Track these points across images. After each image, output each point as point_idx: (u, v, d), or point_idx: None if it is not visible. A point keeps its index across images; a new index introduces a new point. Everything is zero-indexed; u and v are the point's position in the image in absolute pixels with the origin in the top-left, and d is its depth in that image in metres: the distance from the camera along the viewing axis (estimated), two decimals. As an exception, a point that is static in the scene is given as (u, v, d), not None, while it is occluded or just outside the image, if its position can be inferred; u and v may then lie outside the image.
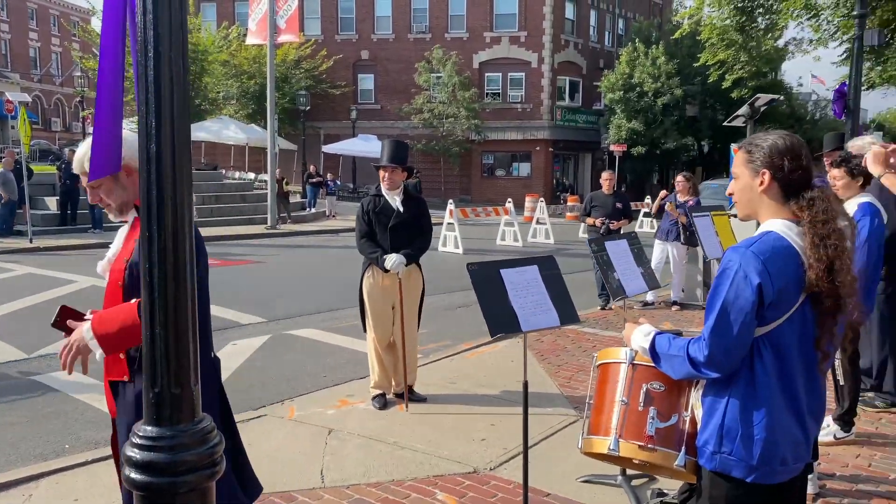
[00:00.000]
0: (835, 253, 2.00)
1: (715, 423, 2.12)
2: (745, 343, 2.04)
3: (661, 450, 2.41)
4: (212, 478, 1.65)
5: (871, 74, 20.75)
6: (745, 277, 2.01)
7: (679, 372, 2.21)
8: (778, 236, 2.07)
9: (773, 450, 2.06)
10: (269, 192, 20.32)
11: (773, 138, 2.17)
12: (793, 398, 2.09)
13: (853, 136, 6.92)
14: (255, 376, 6.34)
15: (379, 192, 5.39)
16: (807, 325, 2.07)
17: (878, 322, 5.23)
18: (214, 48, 31.75)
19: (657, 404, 2.46)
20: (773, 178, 2.13)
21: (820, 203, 2.05)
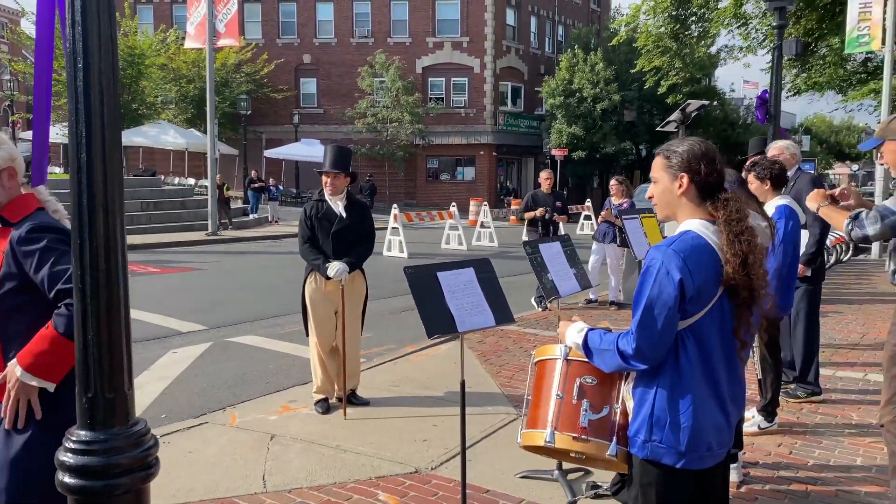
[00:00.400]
0: (748, 248, 2.15)
1: (645, 412, 2.24)
2: (670, 335, 2.17)
3: (593, 440, 2.52)
4: (146, 479, 1.68)
5: (798, 81, 21.67)
6: (668, 274, 2.13)
7: (610, 365, 2.32)
8: (696, 235, 2.20)
9: (699, 436, 2.18)
10: (209, 198, 20.00)
11: (689, 144, 2.31)
12: (715, 386, 2.22)
13: (774, 139, 7.27)
14: (196, 384, 6.28)
15: (322, 197, 5.39)
16: (725, 316, 2.21)
17: (798, 317, 5.52)
18: (152, 52, 31.05)
19: (590, 397, 2.57)
20: (690, 181, 2.26)
21: (733, 203, 2.20)
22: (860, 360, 6.77)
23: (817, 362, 5.55)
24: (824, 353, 6.81)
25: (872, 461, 4.37)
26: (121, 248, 1.63)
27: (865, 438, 4.75)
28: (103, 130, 1.57)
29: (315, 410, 5.32)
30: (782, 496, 3.89)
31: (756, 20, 19.53)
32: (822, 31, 18.44)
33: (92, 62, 1.56)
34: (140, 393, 5.93)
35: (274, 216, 25.30)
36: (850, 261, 15.23)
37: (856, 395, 5.69)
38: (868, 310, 9.36)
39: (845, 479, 4.11)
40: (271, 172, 33.44)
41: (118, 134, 1.62)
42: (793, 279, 4.65)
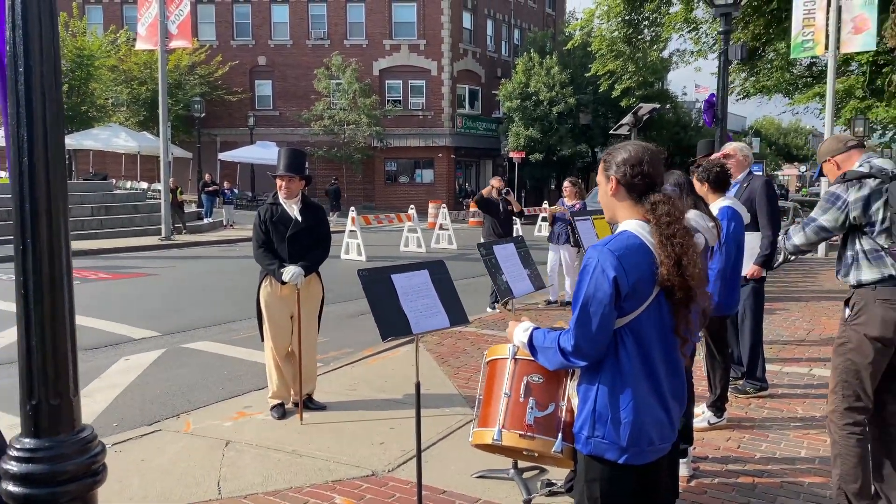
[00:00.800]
0: (681, 250, 2.18)
1: (588, 409, 2.28)
2: (607, 332, 2.21)
3: (539, 437, 2.57)
4: (93, 486, 1.67)
5: (747, 84, 22.22)
6: (603, 272, 2.18)
7: (553, 362, 2.37)
8: (631, 234, 2.25)
9: (640, 431, 2.22)
10: (162, 203, 19.63)
11: (621, 149, 2.37)
12: (655, 382, 2.26)
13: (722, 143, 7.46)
14: (149, 391, 6.18)
15: (276, 200, 5.34)
16: (663, 314, 2.26)
17: (744, 314, 5.68)
18: (102, 53, 30.39)
19: (536, 395, 2.62)
20: (618, 184, 2.33)
21: (663, 206, 2.24)
22: (806, 356, 6.98)
23: (763, 358, 5.71)
24: (772, 350, 7.02)
25: (816, 453, 4.52)
26: (65, 253, 1.62)
27: (810, 431, 4.91)
28: (46, 134, 1.55)
29: (271, 416, 5.28)
30: (730, 489, 4.00)
31: (706, 25, 19.99)
32: (769, 35, 18.94)
33: (33, 65, 1.54)
34: (91, 401, 5.81)
35: (229, 220, 24.97)
36: (798, 259, 15.69)
37: (801, 390, 5.88)
38: (814, 307, 9.65)
39: (790, 471, 4.25)
40: (226, 176, 33.01)
41: (61, 138, 1.60)
42: (737, 279, 4.78)
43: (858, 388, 3.45)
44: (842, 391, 3.50)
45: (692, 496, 3.89)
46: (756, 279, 5.66)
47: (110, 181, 25.88)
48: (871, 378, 3.43)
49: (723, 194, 4.76)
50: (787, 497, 3.90)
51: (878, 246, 3.37)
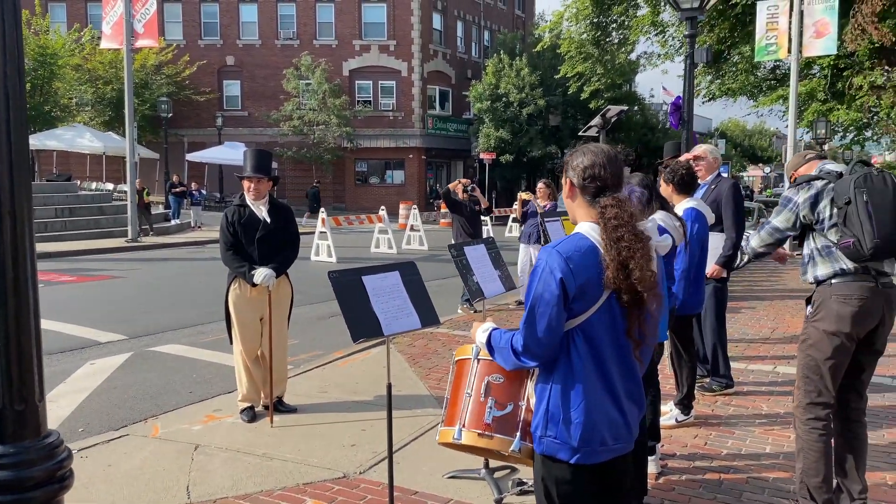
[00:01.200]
0: (628, 253, 2.17)
1: (542, 409, 2.29)
2: (555, 333, 2.21)
3: (497, 436, 2.59)
4: (60, 492, 1.65)
5: (713, 87, 22.56)
6: (551, 273, 2.19)
7: (507, 362, 2.38)
8: (583, 236, 2.25)
9: (591, 431, 2.23)
10: (128, 204, 19.33)
11: (578, 152, 2.38)
12: (608, 383, 2.25)
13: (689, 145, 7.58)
14: (116, 395, 6.09)
15: (243, 202, 5.29)
16: (615, 316, 2.24)
17: (707, 313, 5.77)
18: (65, 51, 29.84)
19: (495, 394, 2.65)
20: (572, 186, 2.35)
21: (611, 210, 2.22)
22: (770, 354, 7.12)
23: (727, 356, 5.80)
24: (737, 348, 7.14)
25: (780, 449, 4.61)
26: (29, 257, 1.59)
27: (774, 427, 5.01)
28: (9, 136, 1.53)
29: (241, 419, 5.24)
30: (697, 485, 4.07)
31: (672, 28, 20.25)
32: (734, 39, 19.25)
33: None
34: (56, 406, 5.71)
35: (197, 221, 24.68)
36: (764, 259, 15.97)
37: (766, 387, 5.99)
38: (778, 305, 9.85)
39: (755, 467, 4.33)
40: (194, 176, 32.65)
41: (25, 139, 1.58)
42: (701, 279, 4.87)
43: (820, 383, 3.53)
44: (804, 387, 3.59)
45: (660, 493, 3.95)
46: (717, 279, 5.75)
47: (75, 182, 25.40)
48: (830, 373, 3.52)
49: (688, 195, 4.84)
50: (753, 492, 3.98)
51: (828, 242, 3.51)
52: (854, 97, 17.43)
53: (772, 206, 23.01)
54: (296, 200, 35.86)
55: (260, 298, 5.22)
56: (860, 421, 3.67)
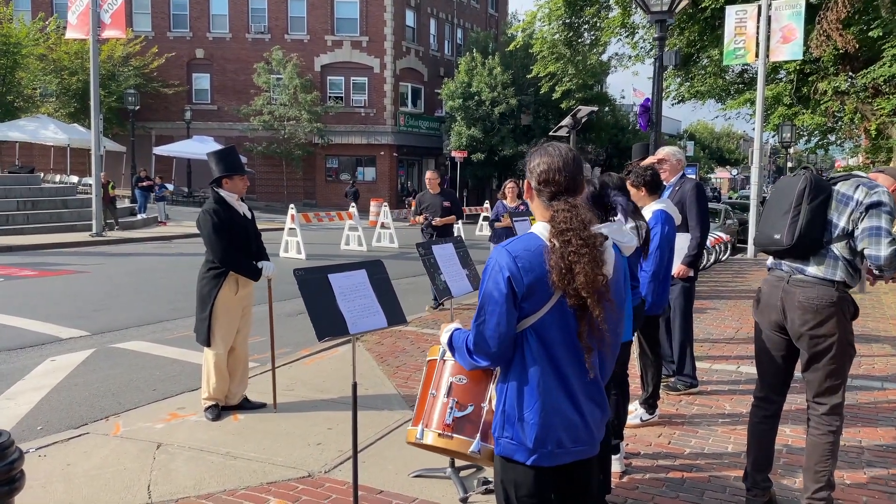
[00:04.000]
0: (574, 257, 2.13)
1: (500, 409, 2.26)
2: (505, 332, 2.18)
3: (457, 437, 2.59)
4: (10, 494, 1.60)
5: (682, 89, 22.83)
6: (499, 271, 2.17)
7: (465, 362, 2.36)
8: (533, 236, 2.24)
9: (546, 432, 2.19)
10: (93, 197, 18.97)
11: (535, 153, 2.35)
12: (564, 383, 2.22)
13: (657, 146, 7.65)
14: (77, 393, 5.97)
15: (222, 201, 5.18)
16: (567, 317, 2.19)
17: (674, 313, 5.84)
18: (29, 41, 29.15)
19: (456, 395, 2.65)
20: (529, 187, 2.34)
21: (562, 213, 2.19)
22: (734, 354, 7.22)
23: (693, 355, 5.88)
24: (702, 348, 7.24)
25: (742, 448, 4.65)
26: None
27: (737, 427, 5.08)
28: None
29: (205, 417, 5.17)
30: (661, 484, 4.11)
31: (643, 30, 20.45)
32: (704, 42, 19.51)
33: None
34: (14, 404, 5.59)
35: (164, 216, 24.32)
36: (728, 260, 16.22)
37: (729, 387, 6.08)
38: (743, 306, 9.99)
39: (717, 466, 4.39)
40: (161, 171, 32.19)
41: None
42: (668, 280, 4.92)
43: (759, 371, 3.85)
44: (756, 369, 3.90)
45: (624, 492, 3.98)
46: (684, 278, 5.82)
47: (38, 174, 24.86)
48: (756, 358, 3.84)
49: (657, 196, 4.89)
50: (714, 491, 4.03)
51: None
52: (819, 102, 17.79)
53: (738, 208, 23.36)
54: (264, 196, 35.59)
55: (243, 296, 5.31)
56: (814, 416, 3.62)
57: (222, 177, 5.18)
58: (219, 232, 5.06)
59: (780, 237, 3.40)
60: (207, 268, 5.18)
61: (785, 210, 3.40)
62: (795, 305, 3.48)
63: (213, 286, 5.14)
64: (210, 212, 5.10)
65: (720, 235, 15.39)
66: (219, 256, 5.08)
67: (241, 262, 5.16)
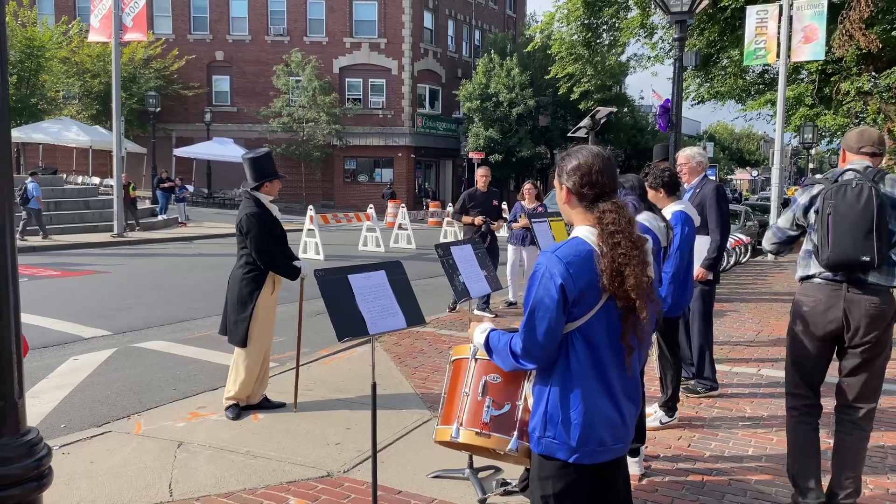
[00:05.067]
0: (624, 259, 2.18)
1: (541, 410, 2.32)
2: (554, 337, 2.23)
3: (495, 435, 2.61)
4: (39, 490, 1.63)
5: (702, 90, 22.68)
6: (550, 278, 2.20)
7: (506, 363, 2.41)
8: (581, 241, 2.27)
9: (589, 432, 2.26)
10: (115, 198, 19.19)
11: (572, 156, 2.37)
12: (607, 384, 2.28)
13: (677, 148, 7.59)
14: (99, 392, 6.04)
15: (260, 203, 5.24)
16: (613, 319, 2.26)
17: (694, 316, 5.80)
18: (53, 44, 29.54)
19: (492, 394, 2.66)
20: (569, 192, 2.34)
21: (609, 214, 2.23)
22: (755, 357, 7.16)
23: (712, 358, 5.84)
24: (722, 350, 7.18)
25: (763, 451, 4.64)
26: (9, 250, 1.57)
27: (757, 430, 5.04)
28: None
29: (226, 416, 5.19)
30: (680, 487, 4.08)
31: (662, 31, 20.33)
32: (724, 43, 19.36)
33: (-22, 59, 1.50)
34: (38, 402, 5.66)
35: (184, 217, 24.53)
36: (749, 262, 16.08)
37: (750, 390, 6.02)
38: (763, 308, 9.90)
39: (738, 469, 4.35)
40: (181, 172, 32.46)
41: (7, 131, 1.56)
42: (689, 281, 4.89)
43: (795, 376, 3.68)
44: (787, 376, 3.74)
45: (643, 494, 3.96)
46: (704, 281, 5.78)
47: (60, 175, 25.20)
48: (795, 368, 3.65)
49: (676, 198, 4.86)
50: (735, 494, 4.00)
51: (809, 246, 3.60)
52: (841, 102, 17.57)
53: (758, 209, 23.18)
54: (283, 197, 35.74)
55: (276, 297, 5.42)
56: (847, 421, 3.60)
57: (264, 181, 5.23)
58: (263, 233, 5.13)
59: (869, 259, 3.33)
60: (247, 269, 5.17)
61: (866, 229, 3.33)
62: (863, 314, 3.43)
63: (255, 287, 5.17)
64: (254, 215, 5.14)
65: (740, 237, 15.26)
66: (265, 258, 5.13)
67: (283, 263, 5.25)
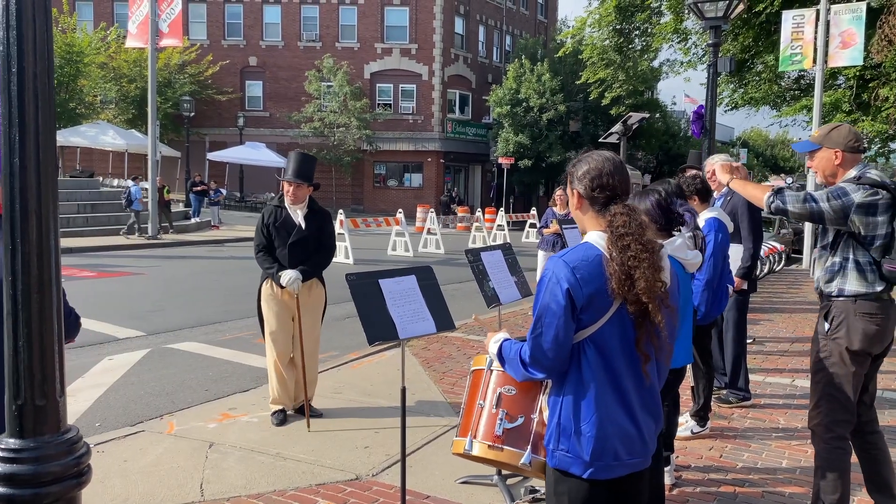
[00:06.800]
0: (634, 262, 2.10)
1: (554, 421, 2.23)
2: (562, 344, 2.15)
3: (507, 449, 2.54)
4: (78, 487, 1.66)
5: (735, 96, 22.41)
6: (557, 283, 2.13)
7: (517, 373, 2.32)
8: (590, 245, 2.20)
9: (603, 445, 2.16)
10: (149, 201, 19.54)
11: (582, 161, 2.32)
12: (621, 395, 2.18)
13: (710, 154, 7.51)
14: (133, 392, 6.14)
15: (281, 203, 5.25)
16: (626, 327, 2.17)
17: (728, 325, 5.72)
18: (91, 49, 30.21)
19: (506, 406, 2.61)
20: (580, 197, 2.29)
21: (619, 217, 2.16)
22: (788, 367, 7.04)
23: (746, 368, 5.75)
24: (755, 360, 7.08)
25: (797, 463, 4.56)
26: (54, 255, 1.61)
27: (791, 441, 4.95)
28: (37, 135, 1.55)
29: (272, 421, 5.19)
30: (712, 498, 4.03)
31: (695, 36, 20.14)
32: (758, 48, 19.11)
33: (26, 66, 1.54)
34: (74, 400, 5.77)
35: (216, 220, 24.85)
36: (783, 270, 15.82)
37: (783, 400, 5.93)
38: (797, 318, 9.74)
39: (771, 481, 4.28)
40: (215, 175, 32.89)
41: (53, 139, 1.60)
42: (723, 288, 4.82)
43: (844, 399, 3.46)
44: (826, 404, 3.50)
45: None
46: (739, 291, 5.70)
47: (97, 178, 25.71)
48: (853, 390, 3.46)
49: (708, 205, 4.81)
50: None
51: (870, 258, 3.35)
52: (880, 109, 17.22)
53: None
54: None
55: (292, 300, 5.18)
56: (876, 431, 3.62)
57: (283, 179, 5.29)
58: (256, 231, 5.28)
59: None
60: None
61: None
62: None
63: (261, 280, 5.29)
64: (262, 211, 5.30)
65: (774, 245, 15.03)
66: (255, 254, 5.29)
67: (263, 264, 5.17)
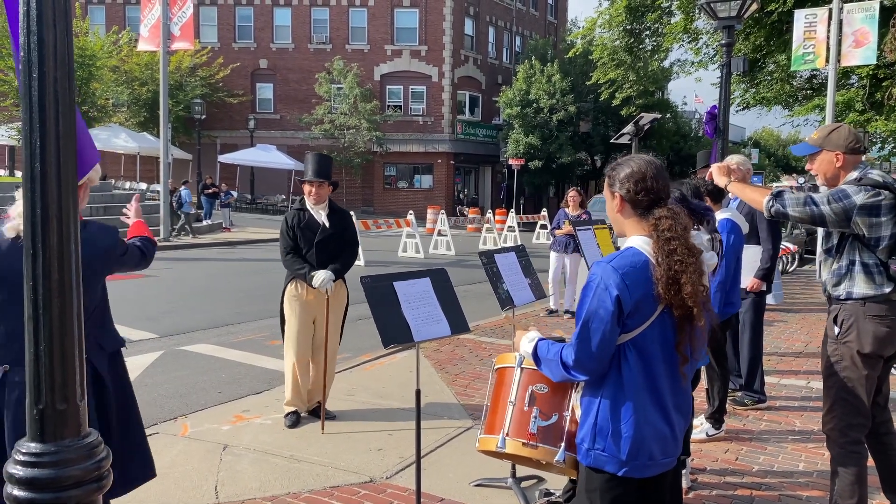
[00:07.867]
0: (680, 267, 2.15)
1: (590, 422, 2.29)
2: (608, 348, 2.20)
3: (542, 446, 2.59)
4: (99, 491, 1.67)
5: (747, 96, 22.28)
6: (606, 289, 2.17)
7: (556, 374, 2.38)
8: (636, 251, 2.24)
9: (640, 445, 2.22)
10: (161, 204, 19.63)
11: (624, 164, 2.35)
12: (658, 397, 2.25)
13: (723, 154, 7.47)
14: (146, 394, 6.16)
15: (303, 206, 5.28)
16: (667, 330, 2.24)
17: (744, 327, 5.68)
18: (103, 53, 30.38)
19: (540, 404, 2.64)
20: (623, 200, 2.32)
21: (665, 221, 2.21)
22: (804, 369, 6.99)
23: (762, 370, 5.72)
24: (770, 362, 7.03)
25: (814, 466, 4.52)
26: (74, 259, 1.62)
27: (808, 444, 4.91)
28: (58, 141, 1.56)
29: (285, 423, 5.20)
30: (728, 501, 4.00)
31: (706, 36, 20.04)
32: (770, 47, 18.98)
33: (47, 71, 1.54)
34: (88, 403, 5.79)
35: (228, 222, 24.95)
36: (796, 271, 15.72)
37: (799, 402, 5.88)
38: (812, 319, 9.66)
39: (788, 485, 4.25)
40: (225, 178, 33.04)
41: (73, 144, 1.61)
42: (736, 289, 4.79)
43: (858, 403, 3.42)
44: (840, 409, 3.45)
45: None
46: (756, 292, 5.66)
47: (109, 181, 25.86)
48: (867, 393, 3.43)
49: (720, 206, 4.78)
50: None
51: (878, 260, 3.30)
52: (893, 108, 17.09)
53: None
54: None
55: (316, 301, 5.19)
56: (891, 432, 3.58)
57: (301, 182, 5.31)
58: (282, 235, 5.28)
59: None
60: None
61: None
62: None
63: (284, 286, 5.29)
64: (285, 215, 5.31)
65: (787, 246, 14.94)
66: (282, 257, 5.27)
67: (293, 266, 5.16)
